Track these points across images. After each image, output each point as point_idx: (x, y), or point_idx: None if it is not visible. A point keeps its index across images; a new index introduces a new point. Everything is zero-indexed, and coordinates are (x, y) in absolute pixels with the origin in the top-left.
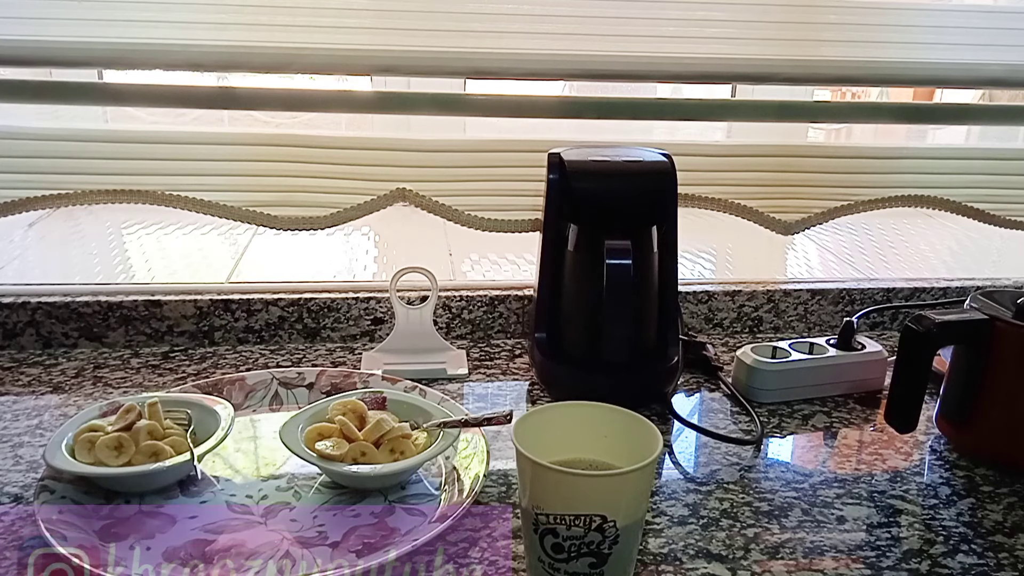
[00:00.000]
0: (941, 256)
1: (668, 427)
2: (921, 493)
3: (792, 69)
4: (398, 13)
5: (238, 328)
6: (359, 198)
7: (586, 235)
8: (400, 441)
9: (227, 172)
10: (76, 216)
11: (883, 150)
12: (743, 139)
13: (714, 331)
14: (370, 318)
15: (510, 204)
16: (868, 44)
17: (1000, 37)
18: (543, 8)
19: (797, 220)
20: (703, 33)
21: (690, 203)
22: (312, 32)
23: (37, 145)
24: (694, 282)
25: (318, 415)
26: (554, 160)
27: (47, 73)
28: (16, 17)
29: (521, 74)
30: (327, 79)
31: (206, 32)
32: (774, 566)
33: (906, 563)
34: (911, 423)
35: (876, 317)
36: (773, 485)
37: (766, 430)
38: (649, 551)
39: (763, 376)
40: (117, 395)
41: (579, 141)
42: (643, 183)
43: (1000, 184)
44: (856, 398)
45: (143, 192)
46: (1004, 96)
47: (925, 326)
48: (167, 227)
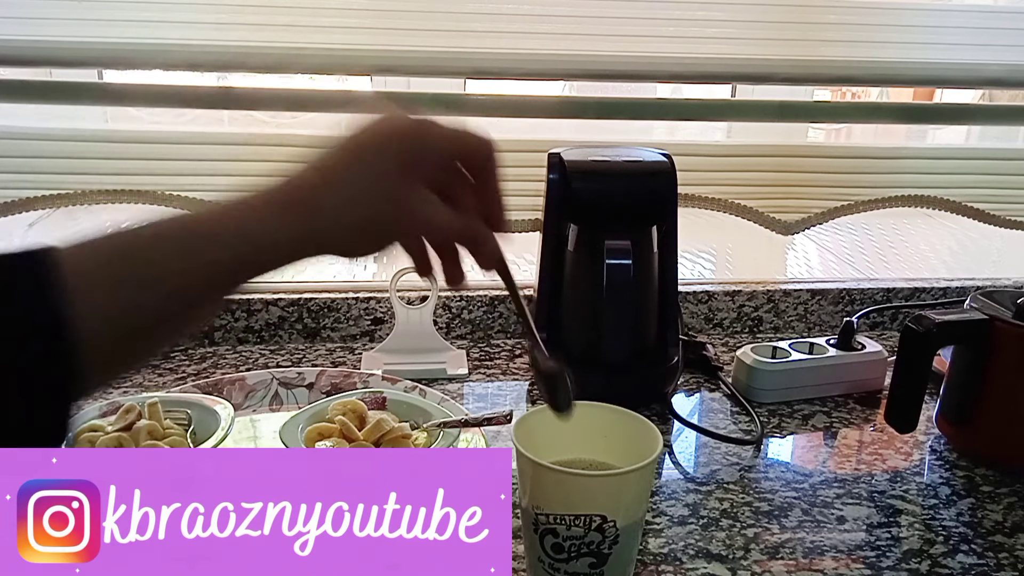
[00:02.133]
0: (941, 256)
1: (668, 427)
2: (921, 493)
3: (792, 69)
4: (398, 13)
5: (238, 328)
6: None
7: (586, 235)
8: (400, 441)
9: (227, 172)
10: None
11: (883, 150)
12: (743, 139)
13: (714, 331)
14: (370, 318)
15: (510, 204)
16: (868, 44)
17: (1000, 37)
18: (543, 8)
19: (797, 220)
20: (703, 33)
21: (690, 203)
22: (312, 32)
23: (37, 145)
24: (694, 282)
25: (318, 415)
26: (554, 160)
27: (47, 73)
28: (16, 17)
29: (521, 74)
30: (327, 79)
31: (206, 32)
32: (774, 566)
33: (906, 563)
34: (911, 423)
35: (876, 317)
36: (773, 485)
37: (766, 430)
38: (649, 551)
39: (763, 376)
40: (117, 395)
41: (579, 141)
42: (643, 183)
43: (1000, 184)
44: (856, 398)
45: (143, 192)
46: (1004, 96)
47: (925, 326)
48: None
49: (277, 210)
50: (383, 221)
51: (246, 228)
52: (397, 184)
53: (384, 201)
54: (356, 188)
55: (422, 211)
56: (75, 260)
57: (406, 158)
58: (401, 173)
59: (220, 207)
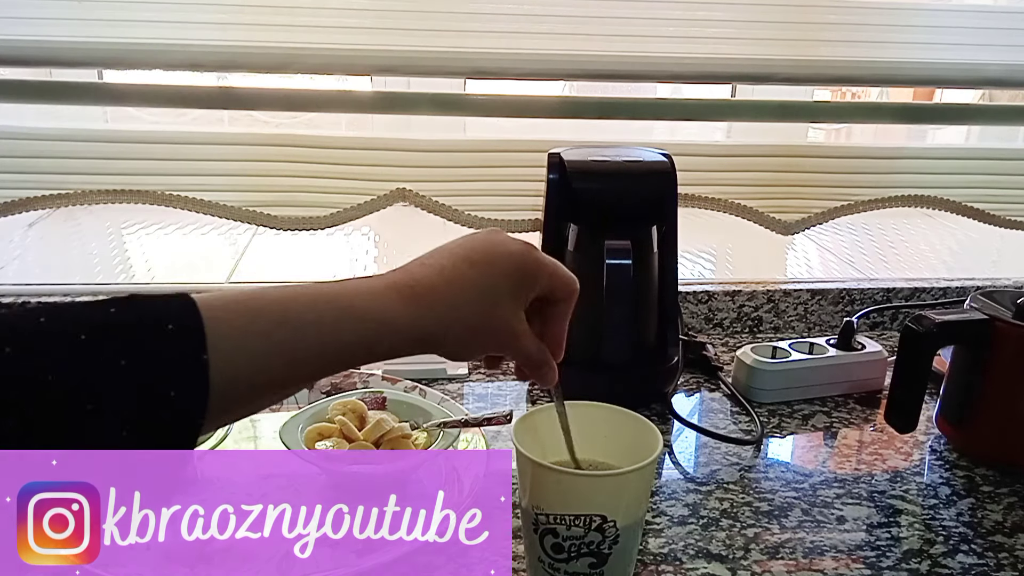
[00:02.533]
0: (941, 256)
1: (668, 427)
2: (921, 493)
3: (792, 69)
4: (398, 13)
5: None
6: (359, 198)
7: (586, 235)
8: (400, 441)
9: (227, 172)
10: (76, 216)
11: (883, 150)
12: (743, 139)
13: (714, 331)
14: None
15: (510, 204)
16: (868, 44)
17: (1000, 37)
18: (543, 8)
19: (797, 220)
20: (703, 33)
21: (690, 203)
22: (312, 32)
23: (37, 145)
24: (694, 282)
25: (318, 415)
26: (554, 160)
27: (47, 73)
28: (16, 17)
29: (521, 74)
30: (327, 79)
31: (206, 32)
32: (774, 566)
33: (906, 563)
34: (911, 423)
35: (876, 317)
36: (773, 485)
37: (766, 430)
38: (649, 551)
39: (763, 376)
40: None
41: (579, 141)
42: (643, 183)
43: (1000, 184)
44: (856, 398)
45: (143, 192)
46: (1004, 96)
47: (925, 326)
48: (167, 227)
49: (404, 303)
50: (490, 334)
51: (376, 315)
52: (508, 303)
53: (496, 316)
54: (475, 297)
55: (519, 334)
56: (232, 322)
57: (518, 281)
58: (513, 294)
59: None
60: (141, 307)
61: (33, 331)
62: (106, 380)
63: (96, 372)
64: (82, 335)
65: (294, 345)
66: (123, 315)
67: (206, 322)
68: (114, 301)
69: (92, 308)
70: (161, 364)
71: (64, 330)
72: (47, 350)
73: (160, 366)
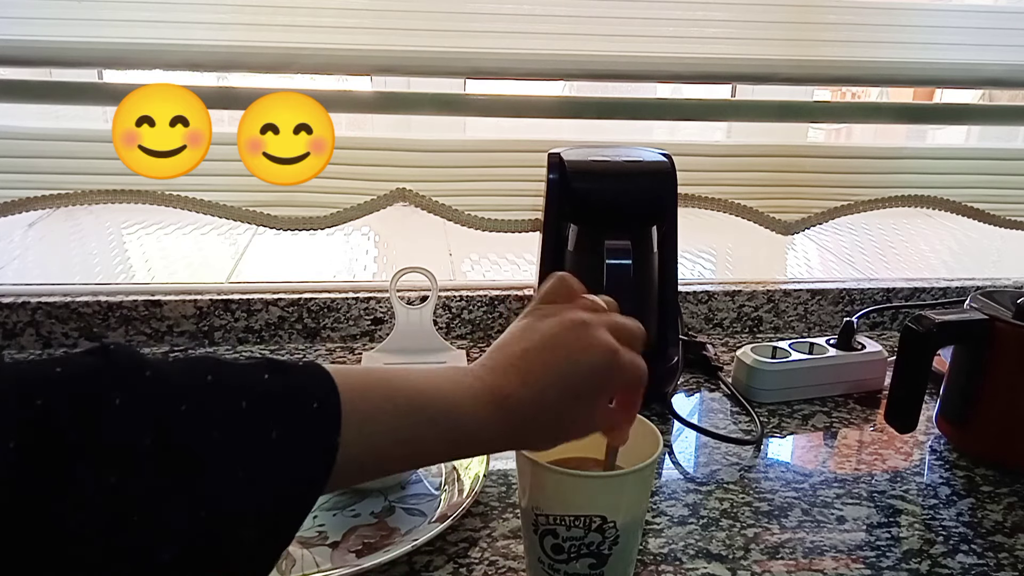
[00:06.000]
0: (941, 256)
1: (668, 427)
2: (921, 493)
3: (792, 69)
4: (398, 13)
5: (238, 328)
6: (359, 198)
7: (586, 235)
8: None
9: (227, 172)
10: (76, 216)
11: (883, 150)
12: (743, 139)
13: (714, 331)
14: (370, 318)
15: (510, 204)
16: (868, 44)
17: (1000, 37)
18: (543, 8)
19: (797, 220)
20: (703, 33)
21: (690, 203)
22: (312, 32)
23: (37, 145)
24: (694, 282)
25: None
26: (554, 160)
27: (47, 73)
28: (16, 17)
29: (521, 74)
30: (327, 79)
31: (206, 32)
32: (774, 566)
33: (906, 563)
34: (911, 423)
35: (876, 317)
36: (773, 485)
37: (766, 430)
38: (649, 551)
39: (763, 376)
40: None
41: (579, 141)
42: (643, 183)
43: (1000, 184)
44: (856, 398)
45: (143, 192)
46: (1004, 96)
47: (925, 326)
48: (167, 227)
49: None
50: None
51: (476, 435)
52: (592, 406)
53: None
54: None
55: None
56: (361, 406)
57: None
58: (596, 396)
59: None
60: (287, 377)
61: (204, 389)
62: (259, 451)
63: (252, 442)
64: (243, 402)
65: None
66: (274, 384)
67: (344, 405)
68: (266, 366)
69: (248, 373)
70: (302, 442)
71: (229, 395)
72: (212, 412)
73: (301, 443)
